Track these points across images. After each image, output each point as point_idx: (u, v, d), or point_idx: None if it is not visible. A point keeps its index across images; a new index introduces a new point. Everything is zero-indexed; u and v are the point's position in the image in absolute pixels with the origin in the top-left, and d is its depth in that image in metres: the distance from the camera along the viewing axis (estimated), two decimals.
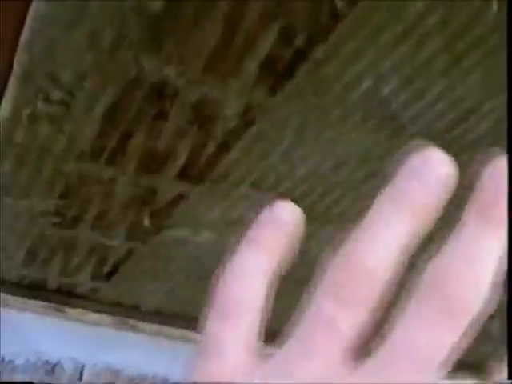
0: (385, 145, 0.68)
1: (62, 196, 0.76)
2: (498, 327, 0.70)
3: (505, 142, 0.64)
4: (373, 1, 0.53)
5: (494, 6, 0.54)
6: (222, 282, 0.19)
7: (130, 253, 0.91)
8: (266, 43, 0.57)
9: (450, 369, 0.17)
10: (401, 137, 0.67)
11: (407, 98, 0.62)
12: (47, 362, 1.03)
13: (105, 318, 1.00)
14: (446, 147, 0.55)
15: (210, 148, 0.69)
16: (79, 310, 1.00)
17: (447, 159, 0.18)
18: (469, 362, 0.89)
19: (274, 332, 0.18)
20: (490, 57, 0.58)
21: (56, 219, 0.81)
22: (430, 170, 0.18)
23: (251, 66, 0.59)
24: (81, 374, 1.05)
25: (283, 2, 0.53)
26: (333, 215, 0.78)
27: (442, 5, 0.54)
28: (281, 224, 0.20)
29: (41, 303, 0.98)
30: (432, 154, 0.18)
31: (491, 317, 0.16)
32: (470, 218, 0.17)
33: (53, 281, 0.95)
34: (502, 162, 0.18)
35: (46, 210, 0.79)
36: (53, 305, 0.99)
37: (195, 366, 0.18)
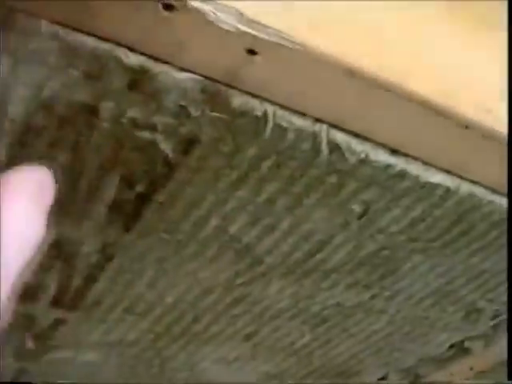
0: (246, 274, 0.71)
1: None
2: None
3: None
4: (205, 151, 0.57)
5: (325, 152, 0.58)
6: None
7: (21, 371, 0.93)
8: (110, 189, 0.60)
9: None
10: (260, 267, 0.70)
11: (258, 233, 0.66)
12: None
13: None
14: (308, 274, 0.58)
15: (77, 280, 0.72)
16: None
17: None
18: None
19: None
20: (330, 197, 0.62)
21: None
22: None
23: (100, 208, 0.62)
24: None
25: (119, 153, 0.57)
26: (207, 337, 0.81)
27: (274, 151, 0.58)
28: None
29: None
30: None
31: None
32: None
33: None
34: None
35: None
36: None
37: None
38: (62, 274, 0.71)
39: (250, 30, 0.50)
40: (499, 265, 0.73)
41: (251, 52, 0.51)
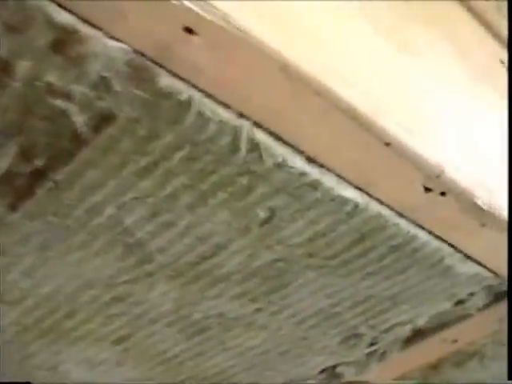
0: (132, 272, 0.68)
1: None
2: None
3: None
4: (118, 131, 0.54)
5: (243, 150, 0.56)
6: None
7: None
8: (5, 158, 0.56)
9: None
10: (149, 265, 0.67)
11: (153, 229, 0.63)
12: None
13: None
14: (197, 279, 0.55)
15: None
16: None
17: None
18: None
19: None
20: (237, 199, 0.60)
21: None
22: None
23: None
24: None
25: (24, 119, 0.52)
26: (76, 336, 0.76)
27: (191, 141, 0.55)
28: None
29: None
30: None
31: None
32: None
33: None
34: None
35: None
36: None
37: None
38: None
39: (192, 7, 0.47)
40: (387, 292, 0.74)
41: (189, 30, 0.49)
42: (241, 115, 0.55)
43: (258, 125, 0.56)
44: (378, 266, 0.70)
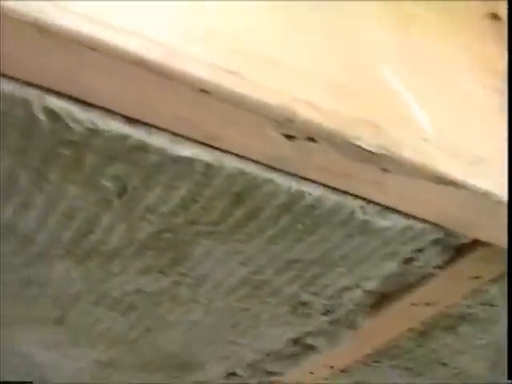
0: (20, 254, 0.68)
1: None
2: None
3: None
4: None
5: (43, 119, 0.54)
6: None
7: None
8: None
9: None
10: (33, 246, 0.66)
11: (13, 210, 0.62)
12: None
13: None
14: (88, 256, 0.53)
15: None
16: None
17: None
18: None
19: None
20: (74, 170, 0.58)
21: None
22: None
23: None
24: None
25: None
26: (12, 320, 0.77)
27: None
28: None
29: None
30: None
31: None
32: None
33: None
34: None
35: None
36: None
37: None
38: None
39: None
40: (308, 255, 0.68)
41: None
42: (27, 84, 0.52)
43: (51, 91, 0.53)
44: (278, 229, 0.64)
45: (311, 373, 0.88)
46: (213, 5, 0.55)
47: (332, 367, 0.86)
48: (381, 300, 0.76)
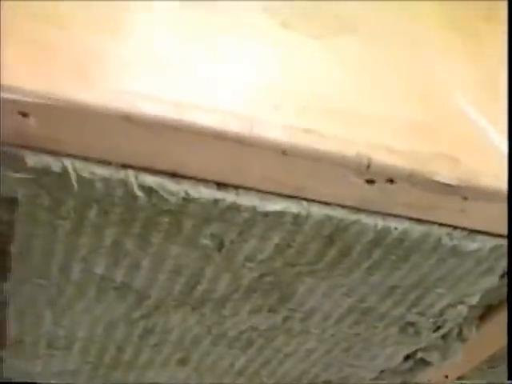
0: (140, 308, 0.74)
1: None
2: None
3: None
4: (25, 211, 0.61)
5: (140, 195, 0.60)
6: None
7: None
8: None
9: None
10: (148, 300, 0.73)
11: (125, 271, 0.69)
12: None
13: None
14: (201, 304, 0.60)
15: None
16: None
17: None
18: None
19: None
20: (174, 234, 0.64)
21: None
22: None
23: None
24: None
25: None
26: (141, 363, 0.85)
27: (93, 200, 0.60)
28: None
29: None
30: None
31: None
32: None
33: None
34: None
35: None
36: None
37: None
38: None
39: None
40: (406, 280, 0.71)
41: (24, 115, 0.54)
42: (123, 166, 0.59)
43: (144, 170, 0.59)
44: (372, 262, 0.68)
45: (429, 380, 0.91)
46: (274, 68, 0.60)
47: (447, 377, 0.90)
48: (487, 311, 0.79)
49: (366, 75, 0.64)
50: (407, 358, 0.87)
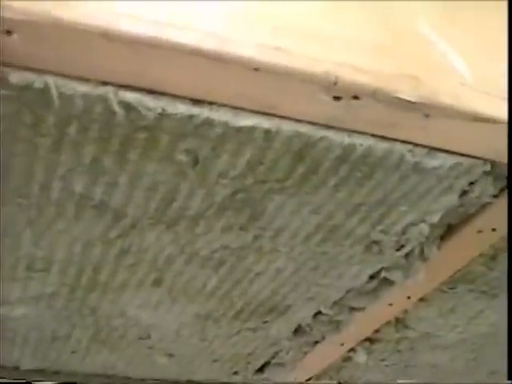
0: (116, 227, 0.80)
1: None
2: None
3: None
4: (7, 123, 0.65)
5: (119, 111, 0.65)
6: None
7: None
8: None
9: None
10: (125, 219, 0.78)
11: (103, 189, 0.74)
12: None
13: None
14: (175, 221, 0.65)
15: None
16: None
17: None
18: None
19: None
20: (151, 150, 0.69)
21: None
22: None
23: None
24: None
25: None
26: (117, 285, 0.90)
27: (73, 116, 0.65)
28: None
29: None
30: None
31: None
32: None
33: None
34: None
35: None
36: None
37: None
38: None
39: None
40: (371, 198, 0.77)
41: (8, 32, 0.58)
42: (102, 83, 0.63)
43: (123, 86, 0.64)
44: (339, 178, 0.74)
45: (390, 304, 0.98)
46: None
47: (409, 297, 0.97)
48: (448, 231, 0.85)
49: (339, 4, 0.69)
50: (372, 278, 0.93)
